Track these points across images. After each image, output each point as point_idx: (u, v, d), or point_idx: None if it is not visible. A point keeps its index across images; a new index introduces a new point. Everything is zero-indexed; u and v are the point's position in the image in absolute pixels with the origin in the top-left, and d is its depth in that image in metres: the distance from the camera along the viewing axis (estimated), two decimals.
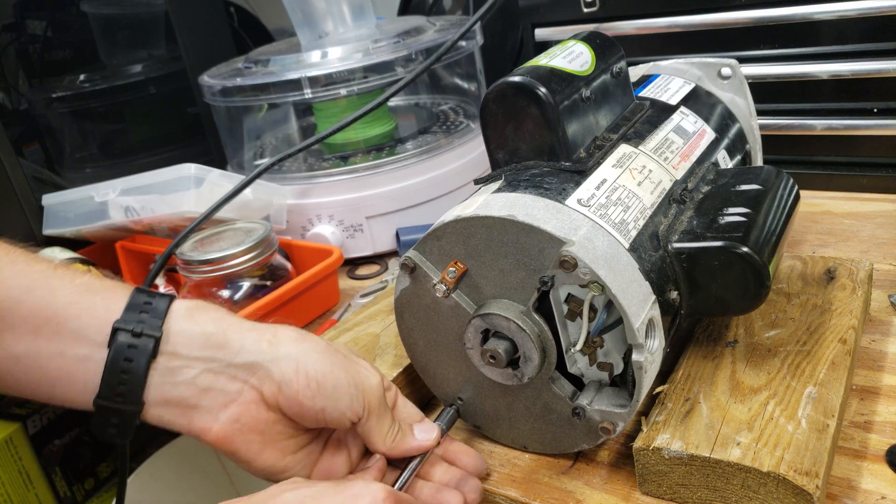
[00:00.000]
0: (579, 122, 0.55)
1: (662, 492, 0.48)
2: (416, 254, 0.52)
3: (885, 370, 0.56)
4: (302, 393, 0.47)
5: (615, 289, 0.45)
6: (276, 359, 0.47)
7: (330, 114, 0.97)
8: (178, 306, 0.48)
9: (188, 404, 0.47)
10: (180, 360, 0.46)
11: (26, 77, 1.32)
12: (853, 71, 0.79)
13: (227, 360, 0.47)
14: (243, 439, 0.48)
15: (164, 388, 0.46)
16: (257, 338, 0.48)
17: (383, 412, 0.50)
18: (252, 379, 0.47)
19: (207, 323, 0.47)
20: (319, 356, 0.48)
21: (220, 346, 0.47)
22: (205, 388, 0.47)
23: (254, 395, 0.47)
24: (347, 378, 0.48)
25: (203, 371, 0.47)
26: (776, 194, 0.55)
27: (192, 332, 0.47)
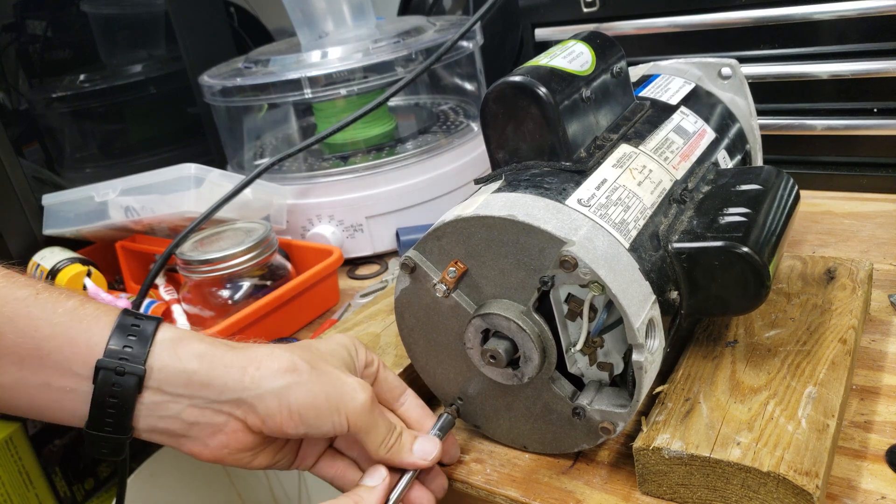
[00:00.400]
0: (579, 121, 0.55)
1: (662, 492, 0.48)
2: (417, 253, 0.52)
3: (885, 370, 0.56)
4: (285, 425, 0.48)
5: (615, 289, 0.45)
6: (259, 395, 0.48)
7: (330, 114, 0.97)
8: (163, 338, 0.48)
9: (177, 434, 0.48)
10: (165, 396, 0.47)
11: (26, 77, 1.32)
12: (853, 71, 0.79)
13: (211, 398, 0.48)
14: (234, 458, 0.50)
15: (151, 420, 0.48)
16: (240, 375, 0.48)
17: (371, 426, 0.50)
18: (237, 412, 0.48)
19: (191, 360, 0.48)
20: (302, 387, 0.48)
21: (204, 385, 0.47)
22: (191, 422, 0.48)
23: (239, 425, 0.49)
24: (329, 405, 0.48)
25: (188, 406, 0.48)
26: (776, 194, 0.55)
27: (175, 370, 0.47)
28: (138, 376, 0.46)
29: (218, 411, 0.48)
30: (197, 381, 0.47)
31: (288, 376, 0.48)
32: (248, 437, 0.49)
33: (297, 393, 0.48)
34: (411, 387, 0.60)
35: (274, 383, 0.48)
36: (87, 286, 0.84)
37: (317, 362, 0.50)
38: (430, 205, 0.93)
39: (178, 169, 0.87)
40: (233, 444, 0.49)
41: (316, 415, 0.48)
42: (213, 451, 0.49)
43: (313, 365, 0.49)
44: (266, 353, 0.49)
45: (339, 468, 0.54)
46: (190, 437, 0.49)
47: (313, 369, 0.49)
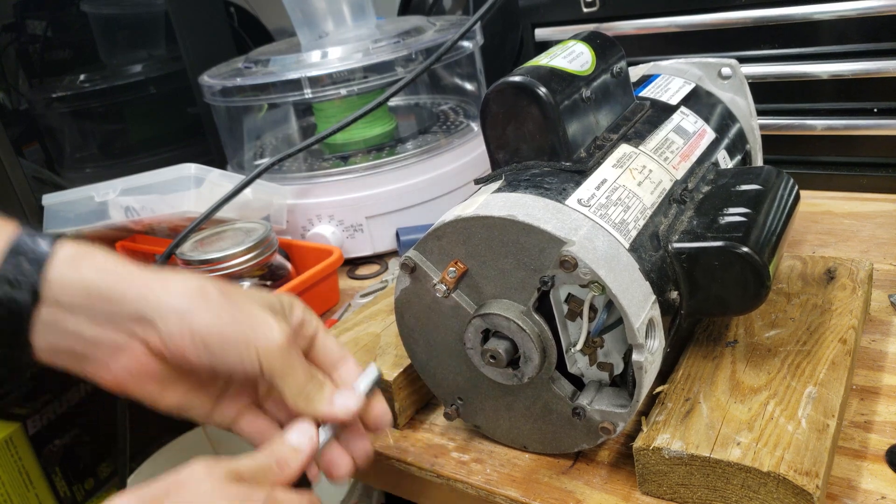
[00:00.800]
0: (579, 121, 0.55)
1: (662, 492, 0.48)
2: (417, 253, 0.52)
3: (885, 370, 0.56)
4: (188, 350, 0.45)
5: (615, 289, 0.45)
6: (161, 313, 0.45)
7: (330, 114, 0.97)
8: (63, 254, 0.45)
9: (78, 354, 0.46)
10: (63, 311, 0.44)
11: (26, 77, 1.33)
12: (853, 71, 0.79)
13: (110, 312, 0.45)
14: (139, 387, 0.47)
15: (50, 338, 0.45)
16: (142, 288, 0.45)
17: (288, 369, 0.46)
18: (137, 329, 0.45)
19: (91, 272, 0.45)
20: (208, 311, 0.45)
21: (104, 298, 0.44)
22: (91, 340, 0.45)
23: (141, 347, 0.46)
24: (237, 336, 0.45)
25: (87, 322, 0.45)
26: (776, 194, 0.55)
27: (73, 282, 0.44)
28: (33, 289, 0.43)
29: (118, 328, 0.45)
30: (96, 294, 0.44)
31: (195, 299, 0.45)
32: (152, 362, 0.46)
33: (202, 316, 0.45)
34: (411, 387, 0.60)
35: (177, 302, 0.45)
36: None
37: (231, 293, 0.47)
38: (430, 205, 0.93)
39: (178, 169, 0.87)
40: (136, 368, 0.46)
41: (221, 344, 0.45)
42: (116, 374, 0.46)
43: (226, 295, 0.46)
44: (175, 276, 0.46)
45: (262, 426, 0.51)
46: (91, 358, 0.46)
47: (225, 298, 0.46)
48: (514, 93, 0.53)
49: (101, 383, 0.47)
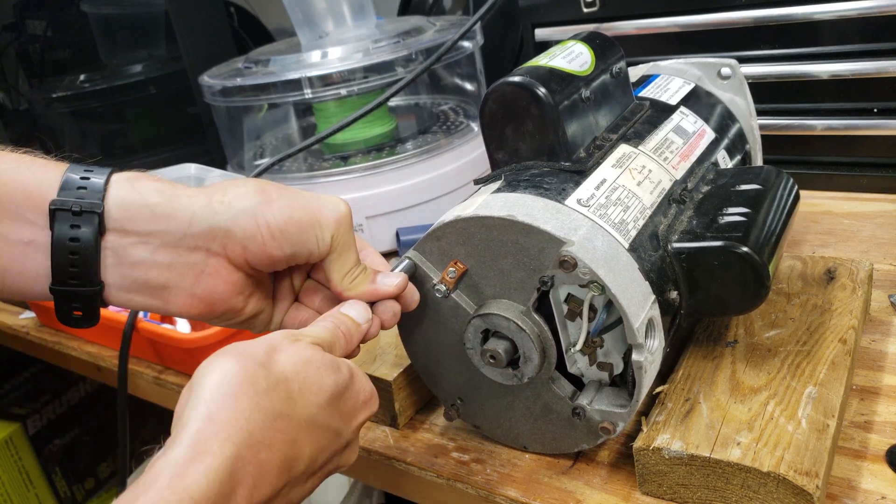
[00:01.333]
0: (579, 122, 0.55)
1: (662, 492, 0.48)
2: (416, 254, 0.52)
3: (885, 370, 0.56)
4: (269, 245, 0.45)
5: (615, 289, 0.45)
6: (233, 217, 0.44)
7: (330, 114, 0.97)
8: (118, 178, 0.44)
9: (156, 285, 0.45)
10: (131, 238, 0.44)
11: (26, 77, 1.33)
12: (853, 71, 0.79)
13: (181, 231, 0.44)
14: (227, 305, 0.47)
15: (123, 270, 0.44)
16: (207, 201, 0.45)
17: (347, 248, 0.47)
18: (213, 245, 0.45)
19: (151, 193, 0.44)
20: (277, 204, 0.45)
21: (170, 217, 0.44)
22: (167, 265, 0.44)
23: (221, 261, 0.45)
24: (310, 220, 0.46)
25: (158, 247, 0.44)
26: (776, 194, 0.55)
27: (136, 205, 0.44)
28: (97, 214, 0.42)
29: (193, 248, 0.44)
30: (162, 214, 0.44)
31: (258, 196, 0.45)
32: (234, 274, 0.46)
33: (273, 208, 0.45)
34: (411, 387, 0.60)
35: (244, 204, 0.45)
36: None
37: (283, 186, 0.47)
38: (430, 205, 0.93)
39: (178, 169, 0.87)
40: (221, 286, 0.46)
41: (298, 230, 0.45)
42: (202, 297, 0.46)
43: (281, 188, 0.47)
44: (229, 182, 0.46)
45: (305, 316, 0.51)
46: (171, 286, 0.45)
47: (283, 189, 0.47)
48: (513, 93, 0.53)
49: (188, 313, 0.46)
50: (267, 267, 0.47)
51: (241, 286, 0.47)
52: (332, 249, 0.47)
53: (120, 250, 0.44)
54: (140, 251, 0.44)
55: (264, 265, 0.47)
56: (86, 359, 0.85)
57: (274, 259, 0.46)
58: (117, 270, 0.44)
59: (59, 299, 0.44)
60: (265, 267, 0.47)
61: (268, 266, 0.47)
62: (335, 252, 0.47)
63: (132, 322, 0.75)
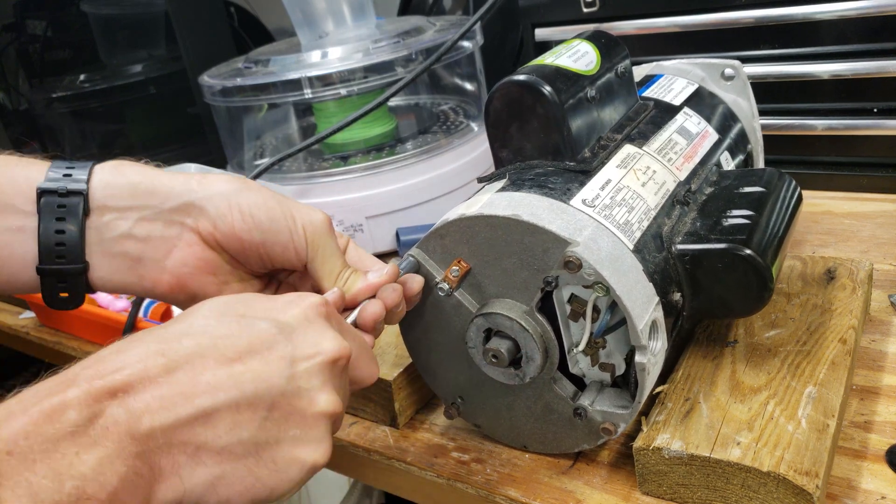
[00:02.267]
0: (584, 121, 0.55)
1: (662, 492, 0.48)
2: (419, 252, 0.52)
3: (885, 370, 0.56)
4: (238, 227, 0.47)
5: (620, 290, 0.45)
6: (208, 196, 0.47)
7: (330, 114, 0.97)
8: (102, 165, 0.48)
9: (132, 258, 0.47)
10: (112, 214, 0.46)
11: (26, 77, 1.33)
12: (853, 71, 0.79)
13: (158, 206, 0.47)
14: (197, 282, 0.48)
15: (104, 246, 0.46)
16: (185, 179, 0.47)
17: (330, 252, 0.48)
18: (188, 220, 0.47)
19: (133, 174, 0.47)
20: (252, 192, 0.47)
21: (150, 193, 0.46)
22: (143, 238, 0.47)
23: (193, 237, 0.47)
24: (283, 211, 0.47)
25: (137, 220, 0.47)
26: (779, 196, 0.55)
27: (118, 184, 0.46)
28: (82, 194, 0.45)
29: (169, 222, 0.47)
30: (142, 190, 0.46)
31: (236, 183, 0.48)
32: (207, 252, 0.48)
33: (249, 196, 0.47)
34: (412, 386, 0.61)
35: (223, 188, 0.47)
36: None
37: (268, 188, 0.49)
38: (431, 205, 0.92)
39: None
40: (191, 260, 0.47)
41: (269, 218, 0.47)
42: (173, 271, 0.47)
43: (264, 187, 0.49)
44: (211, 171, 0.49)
45: None
46: (145, 259, 0.47)
47: (266, 188, 0.48)
48: (518, 91, 0.53)
49: (160, 291, 0.48)
50: (238, 252, 0.48)
51: (213, 266, 0.48)
52: (312, 253, 0.47)
53: (102, 227, 0.46)
54: (120, 225, 0.47)
55: (236, 249, 0.48)
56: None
57: (243, 242, 0.47)
58: (99, 248, 0.47)
59: (47, 279, 0.47)
60: (237, 251, 0.48)
61: (239, 251, 0.48)
62: (318, 258, 0.48)
63: (132, 322, 0.75)
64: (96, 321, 0.81)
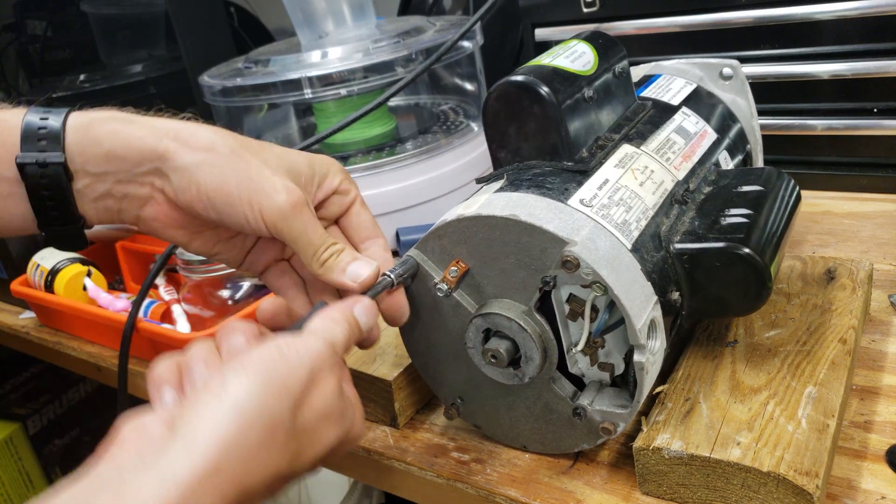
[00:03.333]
0: (582, 121, 0.55)
1: (662, 492, 0.48)
2: (418, 252, 0.52)
3: (885, 370, 0.56)
4: (194, 203, 0.48)
5: (617, 290, 0.45)
6: (173, 167, 0.47)
7: (330, 114, 0.97)
8: (74, 122, 0.49)
9: (112, 210, 0.50)
10: (90, 178, 0.48)
11: (26, 77, 1.33)
12: (853, 71, 0.79)
13: (131, 170, 0.48)
14: (168, 233, 0.51)
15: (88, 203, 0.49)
16: (154, 144, 0.48)
17: (298, 233, 0.47)
18: (156, 181, 0.49)
19: (106, 140, 0.48)
20: (215, 168, 0.47)
21: (122, 159, 0.48)
22: (120, 195, 0.49)
23: (161, 197, 0.49)
24: (241, 195, 0.47)
25: (114, 182, 0.49)
26: (777, 195, 0.55)
27: (94, 153, 0.48)
28: (61, 164, 0.47)
29: (141, 183, 0.49)
30: (115, 157, 0.48)
31: (201, 154, 0.47)
32: (175, 212, 0.49)
33: (207, 172, 0.47)
34: (412, 386, 0.60)
35: (186, 158, 0.47)
36: (87, 286, 0.84)
37: (243, 152, 0.48)
38: (431, 205, 0.92)
39: None
40: (161, 216, 0.50)
41: (225, 201, 0.47)
42: (146, 222, 0.50)
43: (237, 152, 0.48)
44: (185, 126, 0.49)
45: (287, 282, 0.53)
46: (124, 210, 0.50)
47: (236, 155, 0.48)
48: (516, 92, 0.53)
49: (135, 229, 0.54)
50: (202, 219, 0.50)
51: (182, 222, 0.50)
52: (271, 230, 0.47)
53: (85, 189, 0.49)
54: (99, 187, 0.49)
55: (199, 217, 0.49)
56: (86, 359, 0.84)
57: (202, 217, 0.49)
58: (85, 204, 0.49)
59: (52, 237, 0.50)
60: (201, 219, 0.50)
61: (202, 219, 0.50)
62: (287, 240, 0.48)
63: (132, 322, 0.75)
64: (96, 321, 0.81)
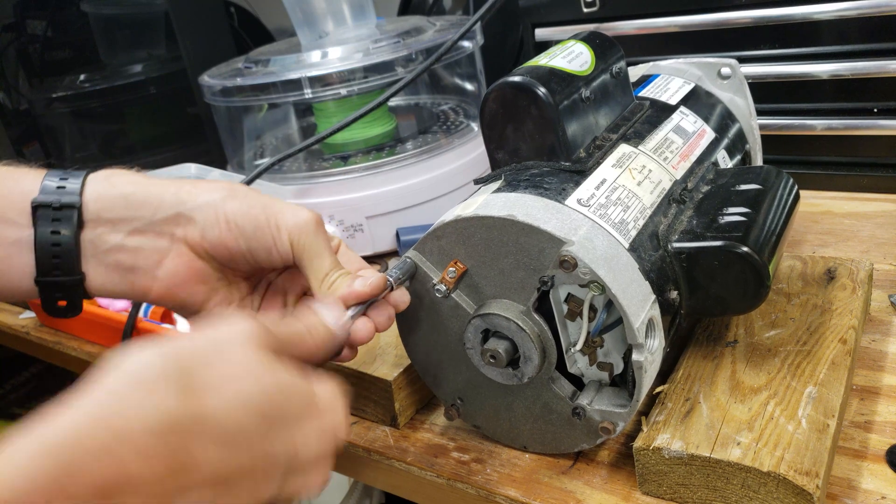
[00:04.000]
0: (579, 121, 0.55)
1: (662, 492, 0.48)
2: (416, 254, 0.52)
3: (885, 370, 0.56)
4: (224, 236, 0.48)
5: (615, 289, 0.45)
6: (196, 207, 0.48)
7: (330, 114, 0.97)
8: (95, 175, 0.49)
9: (124, 267, 0.48)
10: (105, 226, 0.48)
11: (26, 77, 1.33)
12: (853, 71, 0.79)
13: (149, 218, 0.48)
14: (187, 292, 0.49)
15: (98, 257, 0.48)
16: (176, 191, 0.48)
17: (317, 252, 0.49)
18: (177, 231, 0.48)
19: (125, 185, 0.48)
20: (237, 200, 0.48)
21: (141, 205, 0.48)
22: (135, 249, 0.48)
23: (182, 247, 0.49)
24: (266, 218, 0.48)
25: (129, 232, 0.48)
26: (776, 194, 0.55)
27: (110, 196, 0.48)
28: (76, 208, 0.47)
29: (159, 234, 0.48)
30: (135, 203, 0.48)
31: (224, 191, 0.49)
32: (196, 262, 0.49)
33: (233, 203, 0.48)
34: (411, 387, 0.60)
35: (210, 196, 0.48)
36: None
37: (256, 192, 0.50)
38: (430, 205, 0.92)
39: (178, 169, 0.87)
40: (181, 270, 0.49)
41: (254, 226, 0.48)
42: (163, 280, 0.49)
43: (255, 192, 0.50)
44: (205, 181, 0.50)
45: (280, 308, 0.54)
46: (137, 268, 0.48)
47: (254, 192, 0.49)
48: (513, 93, 0.53)
49: (152, 297, 0.49)
50: (227, 259, 0.50)
51: (203, 276, 0.50)
52: (295, 250, 0.48)
53: (96, 238, 0.48)
54: (113, 237, 0.48)
55: (224, 257, 0.49)
56: (86, 359, 0.84)
57: (231, 251, 0.49)
58: (94, 258, 0.48)
59: (44, 291, 0.48)
60: (225, 259, 0.50)
61: (227, 259, 0.49)
62: (304, 258, 0.48)
63: (132, 322, 0.75)
64: (96, 321, 0.81)
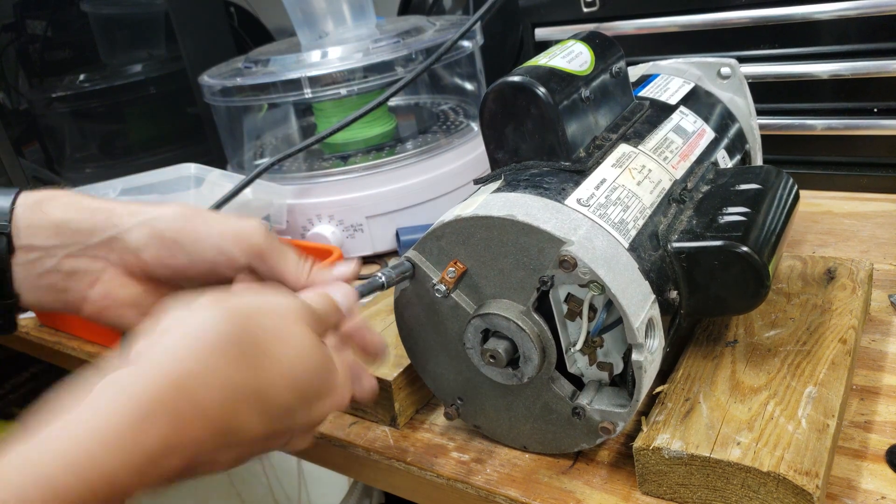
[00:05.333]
0: (579, 121, 0.55)
1: (662, 492, 0.48)
2: (416, 254, 0.52)
3: (885, 370, 0.56)
4: (161, 254, 0.47)
5: (615, 288, 0.44)
6: (129, 229, 0.47)
7: (330, 114, 0.97)
8: (24, 201, 0.48)
9: (57, 289, 0.48)
10: (38, 252, 0.47)
11: (26, 77, 1.33)
12: (853, 70, 0.79)
13: (83, 242, 0.47)
14: (117, 314, 0.49)
15: (31, 280, 0.48)
16: (108, 215, 0.47)
17: (280, 249, 0.48)
18: (111, 255, 0.47)
19: (57, 211, 0.48)
20: (174, 218, 0.47)
21: (75, 232, 0.47)
22: (69, 273, 0.48)
23: (117, 271, 0.48)
24: (208, 229, 0.47)
25: (64, 257, 0.47)
26: (776, 194, 0.55)
27: (42, 225, 0.47)
28: (5, 235, 0.46)
29: (94, 257, 0.47)
30: (66, 229, 0.47)
31: (156, 210, 0.48)
32: (129, 285, 0.48)
33: (167, 222, 0.47)
34: (411, 387, 0.60)
35: (144, 216, 0.47)
36: None
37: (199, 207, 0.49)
38: (430, 205, 0.92)
39: (178, 169, 0.87)
40: (112, 294, 0.48)
41: (193, 239, 0.47)
42: (94, 302, 0.48)
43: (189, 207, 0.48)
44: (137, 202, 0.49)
45: None
46: (69, 290, 0.48)
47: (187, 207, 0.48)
48: (513, 92, 0.53)
49: (84, 315, 0.49)
50: (169, 276, 0.48)
51: (134, 299, 0.49)
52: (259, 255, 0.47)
53: (28, 263, 0.47)
54: (46, 262, 0.48)
55: (165, 275, 0.48)
56: (86, 359, 0.84)
57: (172, 267, 0.47)
58: (27, 281, 0.48)
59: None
60: (168, 276, 0.48)
61: (170, 275, 0.48)
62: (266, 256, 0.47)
63: None
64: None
